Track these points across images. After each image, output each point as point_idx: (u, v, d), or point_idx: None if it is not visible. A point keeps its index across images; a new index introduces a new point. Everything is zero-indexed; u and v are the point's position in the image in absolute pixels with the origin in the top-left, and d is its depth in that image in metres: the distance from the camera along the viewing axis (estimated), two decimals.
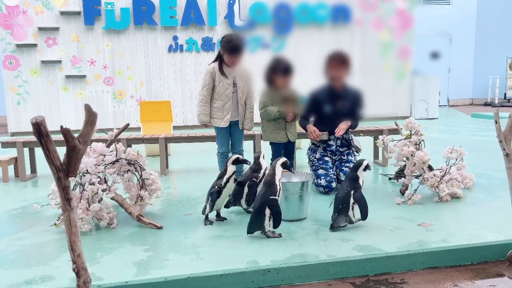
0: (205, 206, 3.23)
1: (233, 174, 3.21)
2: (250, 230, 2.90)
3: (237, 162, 3.27)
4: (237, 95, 4.08)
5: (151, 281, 2.30)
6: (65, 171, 1.99)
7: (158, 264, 2.51)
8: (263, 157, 3.27)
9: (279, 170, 2.95)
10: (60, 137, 2.78)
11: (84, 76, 9.50)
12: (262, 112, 3.95)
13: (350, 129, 4.14)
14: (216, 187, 3.17)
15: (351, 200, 2.99)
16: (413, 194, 3.63)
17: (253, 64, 4.03)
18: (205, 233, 3.03)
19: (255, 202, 2.95)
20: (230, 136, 4.24)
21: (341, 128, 3.98)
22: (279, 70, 3.76)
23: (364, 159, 3.16)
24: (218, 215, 3.29)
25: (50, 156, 1.94)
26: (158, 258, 2.59)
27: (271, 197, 2.84)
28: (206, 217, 3.23)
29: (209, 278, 2.35)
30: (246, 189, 3.24)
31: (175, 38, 9.78)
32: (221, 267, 2.43)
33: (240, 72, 4.02)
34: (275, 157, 4.12)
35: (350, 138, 4.18)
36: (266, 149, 4.58)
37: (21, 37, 9.18)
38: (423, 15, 11.38)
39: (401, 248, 2.66)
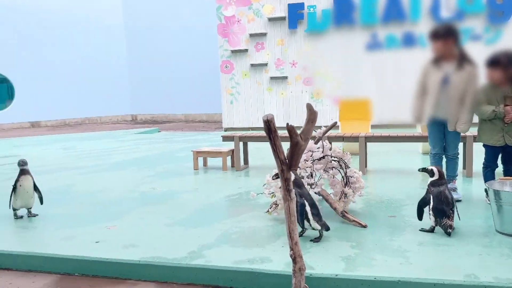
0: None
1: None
2: None
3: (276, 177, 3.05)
4: (449, 91, 3.63)
5: (360, 278, 2.32)
6: (287, 164, 2.18)
7: (366, 262, 2.51)
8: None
9: None
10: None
11: (286, 77, 10.20)
12: (476, 110, 3.59)
13: None
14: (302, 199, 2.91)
15: None
16: None
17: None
18: (412, 237, 2.90)
19: None
20: (444, 136, 3.89)
21: None
22: (501, 64, 3.34)
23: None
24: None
25: (276, 150, 2.14)
26: (365, 257, 2.60)
27: None
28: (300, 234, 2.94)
29: (420, 285, 2.24)
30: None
31: (375, 35, 9.61)
32: (433, 276, 2.28)
33: (463, 66, 3.57)
34: (487, 161, 3.65)
35: None
36: (478, 152, 4.08)
37: (235, 44, 10.41)
38: None
39: None
